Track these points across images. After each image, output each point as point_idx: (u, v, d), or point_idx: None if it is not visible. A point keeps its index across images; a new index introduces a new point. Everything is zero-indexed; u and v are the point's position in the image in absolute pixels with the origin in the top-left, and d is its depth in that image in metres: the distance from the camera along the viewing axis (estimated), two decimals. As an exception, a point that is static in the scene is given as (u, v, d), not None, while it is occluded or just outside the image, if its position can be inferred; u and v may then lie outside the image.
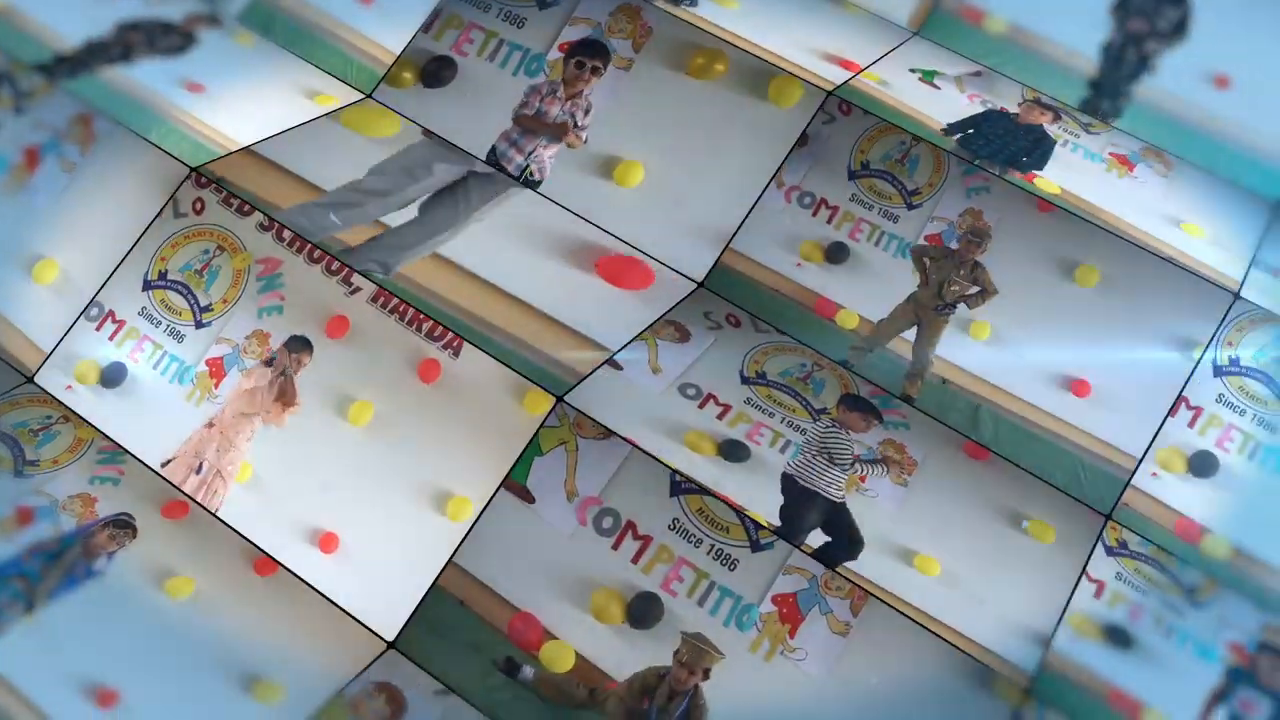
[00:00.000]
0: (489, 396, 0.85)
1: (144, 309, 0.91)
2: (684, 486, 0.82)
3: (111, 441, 0.87)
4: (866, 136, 1.02)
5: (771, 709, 0.76)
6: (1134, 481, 0.88)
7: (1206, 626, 0.82)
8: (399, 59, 1.07)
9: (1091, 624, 0.80)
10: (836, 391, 0.91)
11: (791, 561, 0.79)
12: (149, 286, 0.92)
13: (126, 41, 1.08)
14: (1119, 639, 0.79)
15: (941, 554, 0.81)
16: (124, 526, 0.84)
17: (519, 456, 0.83)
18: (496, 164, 1.02)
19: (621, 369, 0.89)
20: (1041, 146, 1.03)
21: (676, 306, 0.95)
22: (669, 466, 0.82)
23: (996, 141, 1.02)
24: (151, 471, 0.86)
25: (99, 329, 0.91)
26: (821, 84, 1.04)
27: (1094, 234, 0.96)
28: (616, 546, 0.81)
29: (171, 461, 0.87)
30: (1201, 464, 0.89)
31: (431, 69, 1.07)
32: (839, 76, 1.04)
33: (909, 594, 0.78)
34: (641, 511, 0.81)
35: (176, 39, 1.10)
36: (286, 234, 0.92)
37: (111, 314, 0.91)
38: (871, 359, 0.93)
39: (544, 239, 0.99)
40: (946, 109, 1.06)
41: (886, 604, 0.78)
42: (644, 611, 0.79)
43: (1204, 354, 0.91)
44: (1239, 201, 1.03)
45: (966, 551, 0.82)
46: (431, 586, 0.81)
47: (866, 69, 1.08)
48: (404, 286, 0.90)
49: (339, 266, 0.90)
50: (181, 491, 0.85)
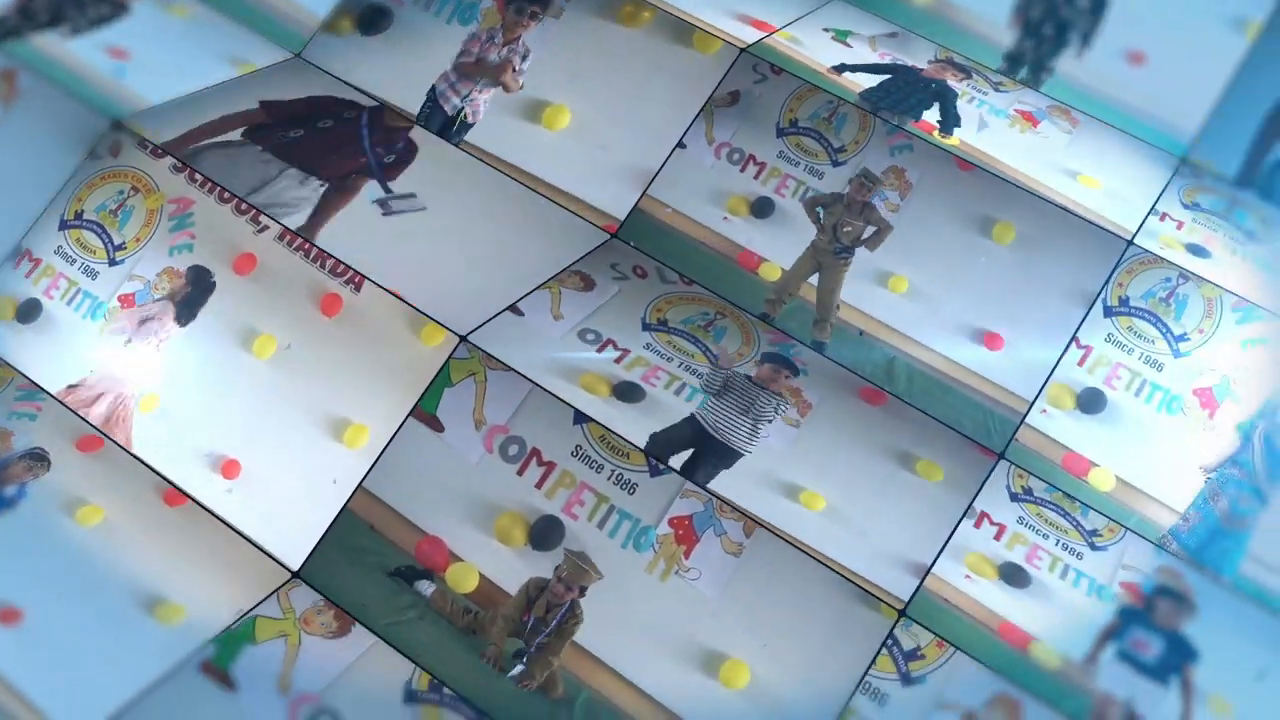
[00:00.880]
0: (387, 330, 0.87)
1: (60, 248, 0.92)
2: (586, 415, 0.84)
3: (30, 381, 0.88)
4: (796, 95, 1.05)
5: (666, 625, 0.78)
6: (1026, 420, 0.91)
7: (1103, 568, 0.85)
8: (337, 7, 1.09)
9: (989, 564, 0.83)
10: (738, 339, 0.94)
11: (689, 486, 0.82)
12: (65, 226, 0.93)
13: (57, 8, 1.09)
14: (1015, 578, 0.82)
15: (828, 490, 0.83)
16: (38, 459, 0.85)
17: (428, 387, 0.85)
18: (434, 103, 1.04)
19: (523, 315, 0.91)
20: (943, 100, 1.06)
21: (585, 258, 0.97)
22: (567, 404, 0.84)
23: (896, 94, 1.06)
24: (65, 408, 0.87)
25: (16, 267, 0.92)
26: (735, 43, 1.06)
27: (1010, 190, 0.98)
28: (521, 473, 0.83)
29: (87, 395, 0.88)
30: (1090, 401, 0.92)
31: (368, 16, 1.08)
32: (755, 37, 1.07)
33: (793, 527, 0.81)
34: (546, 439, 0.84)
35: (107, 8, 1.11)
36: (199, 175, 0.93)
37: (28, 253, 0.93)
38: (789, 309, 0.95)
39: (460, 187, 1.01)
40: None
41: (772, 533, 0.80)
42: (546, 534, 0.81)
43: (1097, 296, 0.94)
44: (1144, 157, 1.07)
45: (853, 489, 0.84)
46: (341, 512, 0.82)
47: (782, 29, 1.11)
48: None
49: (247, 206, 0.92)
50: (87, 421, 0.86)
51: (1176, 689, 0.77)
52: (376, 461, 0.84)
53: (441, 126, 1.05)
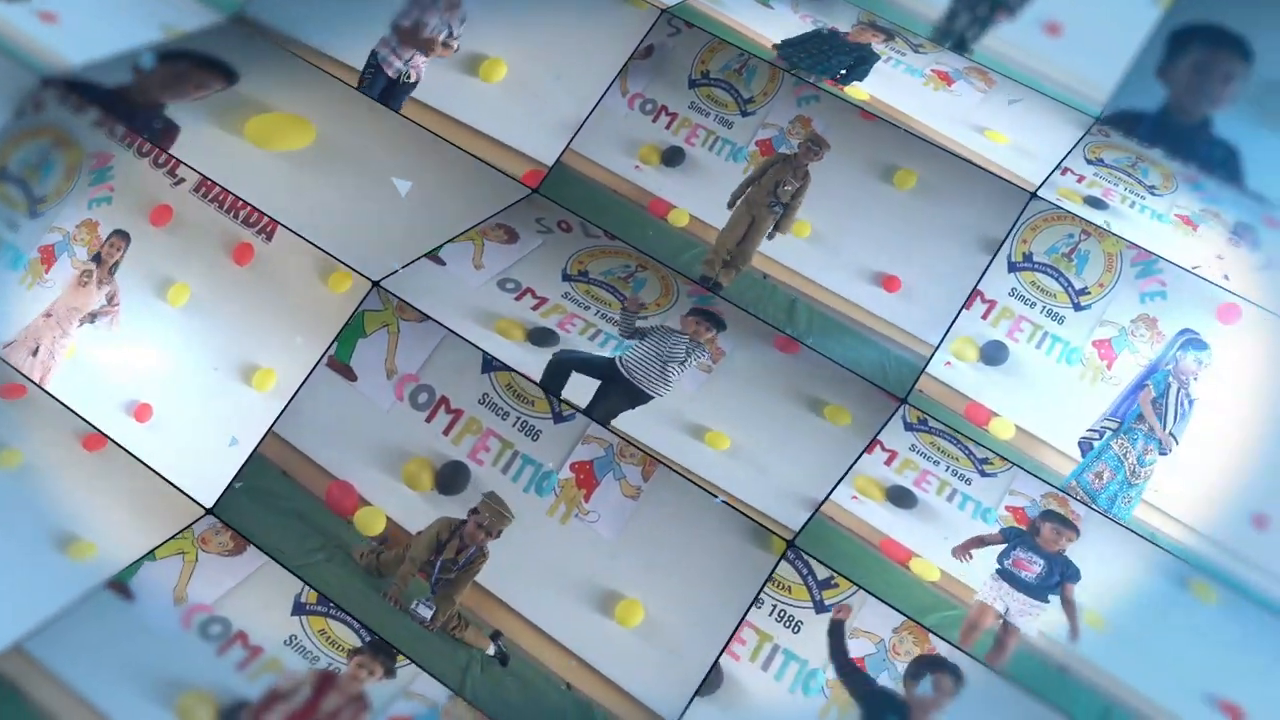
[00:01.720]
0: (297, 277, 0.89)
1: (-17, 201, 0.94)
2: (495, 364, 0.86)
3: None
4: (708, 48, 1.06)
5: (565, 567, 0.81)
6: (929, 370, 0.93)
7: (990, 493, 0.87)
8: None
9: (876, 486, 0.85)
10: (657, 289, 0.96)
11: (590, 431, 0.84)
12: (-11, 180, 0.95)
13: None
14: (901, 499, 0.85)
15: (733, 431, 0.86)
16: (-41, 408, 0.87)
17: (338, 334, 0.87)
18: (377, 68, 1.06)
19: (444, 264, 0.93)
20: (864, 63, 1.09)
21: (508, 210, 0.99)
22: (478, 349, 0.86)
23: (817, 54, 1.08)
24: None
25: (-63, 222, 0.94)
26: (657, 3, 1.08)
27: (913, 141, 1.01)
28: (430, 420, 0.85)
29: (11, 345, 0.90)
30: (992, 353, 0.95)
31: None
32: (677, -2, 1.10)
33: (694, 464, 0.83)
34: (454, 387, 0.86)
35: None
36: (119, 130, 0.95)
37: (-51, 207, 0.94)
38: (736, 273, 0.98)
39: (388, 149, 1.03)
40: (779, 27, 1.11)
41: (670, 469, 0.82)
42: (452, 479, 0.83)
43: (1000, 250, 0.97)
44: (1055, 117, 1.09)
45: (758, 431, 0.87)
46: (251, 456, 0.85)
47: (704, -9, 1.13)
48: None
49: (166, 159, 0.94)
50: (20, 373, 0.88)
51: (1056, 606, 0.80)
52: (287, 406, 0.86)
53: (385, 89, 1.07)
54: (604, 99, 1.05)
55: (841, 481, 0.84)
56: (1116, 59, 1.10)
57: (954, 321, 0.95)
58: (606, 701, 0.77)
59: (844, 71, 1.07)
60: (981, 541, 0.83)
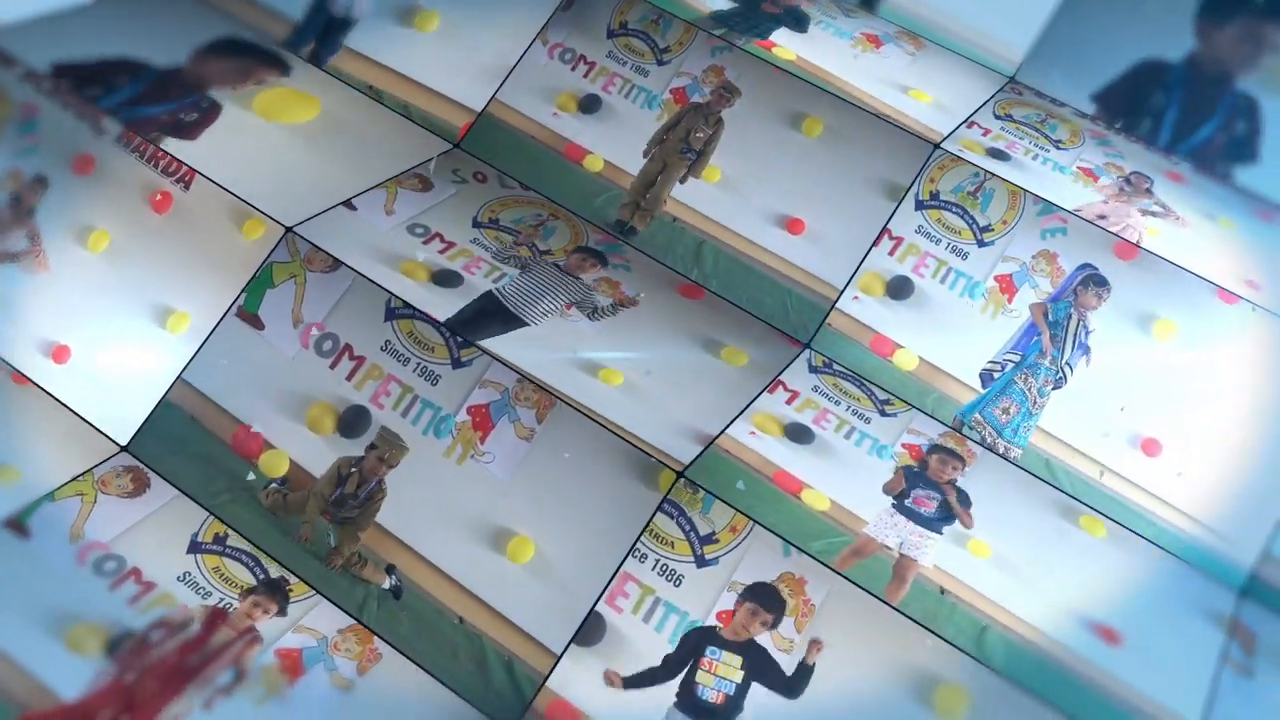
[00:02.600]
0: (213, 224, 0.91)
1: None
2: (397, 312, 0.88)
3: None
4: (628, 1, 1.08)
5: (460, 506, 0.83)
6: (838, 305, 0.95)
7: (888, 431, 0.89)
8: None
9: (775, 423, 0.87)
10: (566, 237, 0.98)
11: (488, 376, 0.86)
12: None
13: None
14: (799, 436, 0.87)
15: (627, 370, 0.87)
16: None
17: (247, 284, 0.90)
18: (321, 3, 1.09)
19: (356, 210, 0.95)
20: (799, 23, 1.10)
21: (427, 162, 1.01)
22: (384, 290, 0.88)
23: (752, 17, 1.09)
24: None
25: None
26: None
27: (822, 92, 1.02)
28: (334, 366, 0.88)
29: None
30: (898, 287, 0.96)
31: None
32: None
33: (587, 399, 0.85)
34: (358, 335, 0.88)
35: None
36: (46, 83, 0.97)
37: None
38: (610, 198, 1.00)
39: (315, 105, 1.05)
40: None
41: (564, 402, 0.84)
42: (353, 423, 0.86)
43: (908, 191, 0.98)
44: (976, 77, 1.11)
45: (655, 370, 0.88)
46: (161, 401, 0.87)
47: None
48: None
49: (89, 112, 0.96)
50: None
51: (949, 537, 0.82)
52: (196, 355, 0.88)
53: (328, 25, 1.08)
54: (528, 50, 1.07)
55: (740, 418, 0.86)
56: (1031, 22, 1.11)
57: (864, 258, 0.96)
58: (497, 635, 0.80)
59: (776, 29, 1.08)
60: (892, 486, 0.84)
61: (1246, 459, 0.88)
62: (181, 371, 0.88)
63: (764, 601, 0.78)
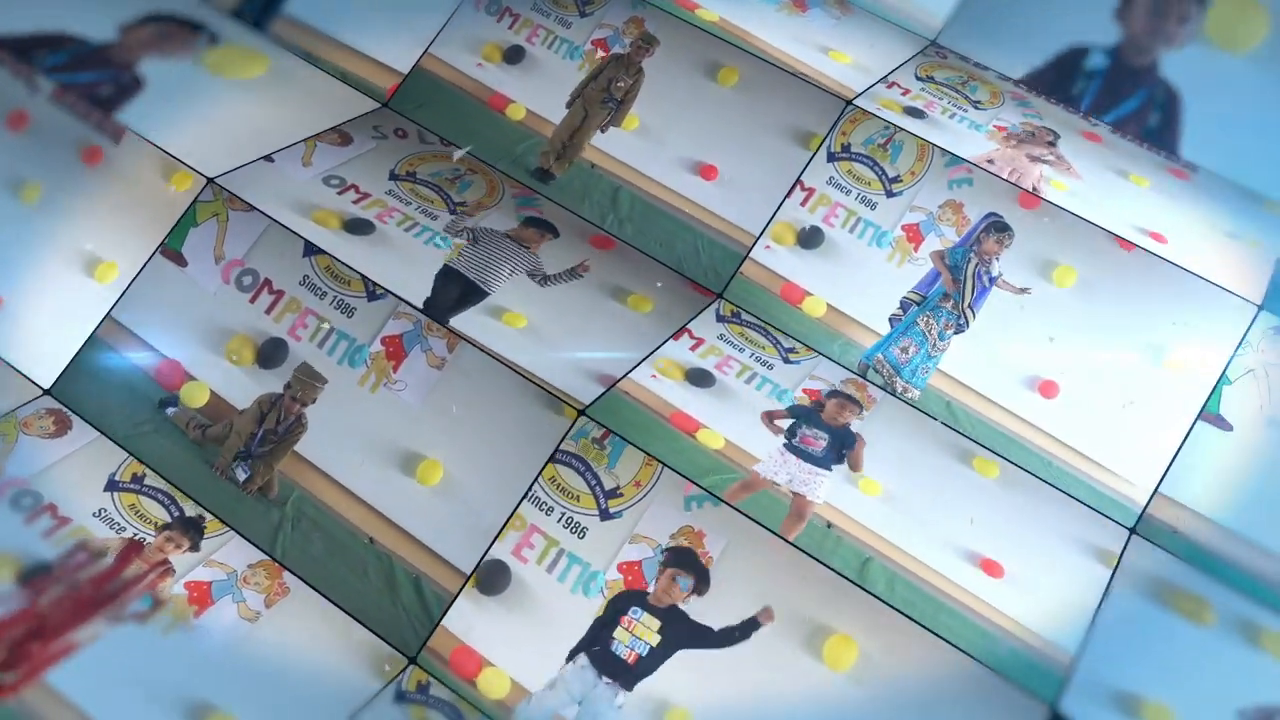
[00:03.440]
0: (142, 177, 0.93)
1: None
2: (314, 248, 0.91)
3: None
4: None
5: (373, 432, 0.86)
6: (751, 255, 0.98)
7: (790, 377, 0.92)
8: None
9: (678, 367, 0.90)
10: (482, 189, 1.01)
11: (401, 308, 0.89)
12: None
13: None
14: (700, 380, 0.90)
15: (530, 312, 0.90)
16: None
17: (174, 226, 0.92)
18: None
19: (274, 162, 0.97)
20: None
21: (352, 121, 1.04)
22: (298, 235, 0.91)
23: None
24: None
25: None
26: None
27: (741, 51, 1.05)
28: (253, 300, 0.90)
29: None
30: (809, 237, 0.99)
31: None
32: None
33: (493, 341, 0.88)
34: (277, 270, 0.91)
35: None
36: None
37: None
38: (571, 166, 1.03)
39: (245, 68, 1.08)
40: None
41: (475, 346, 0.87)
42: (271, 354, 0.88)
43: (821, 144, 1.01)
44: (898, 40, 1.14)
45: (558, 313, 0.91)
46: (88, 341, 0.90)
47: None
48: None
49: (23, 69, 0.99)
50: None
51: (838, 474, 0.85)
52: (124, 294, 0.91)
53: None
54: (458, 7, 1.09)
55: (644, 363, 0.88)
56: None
57: (777, 209, 0.99)
58: (406, 554, 0.82)
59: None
60: (771, 417, 0.87)
61: (1139, 401, 0.91)
62: (110, 309, 0.90)
63: (684, 565, 0.80)
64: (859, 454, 0.86)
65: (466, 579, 0.81)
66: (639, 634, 0.79)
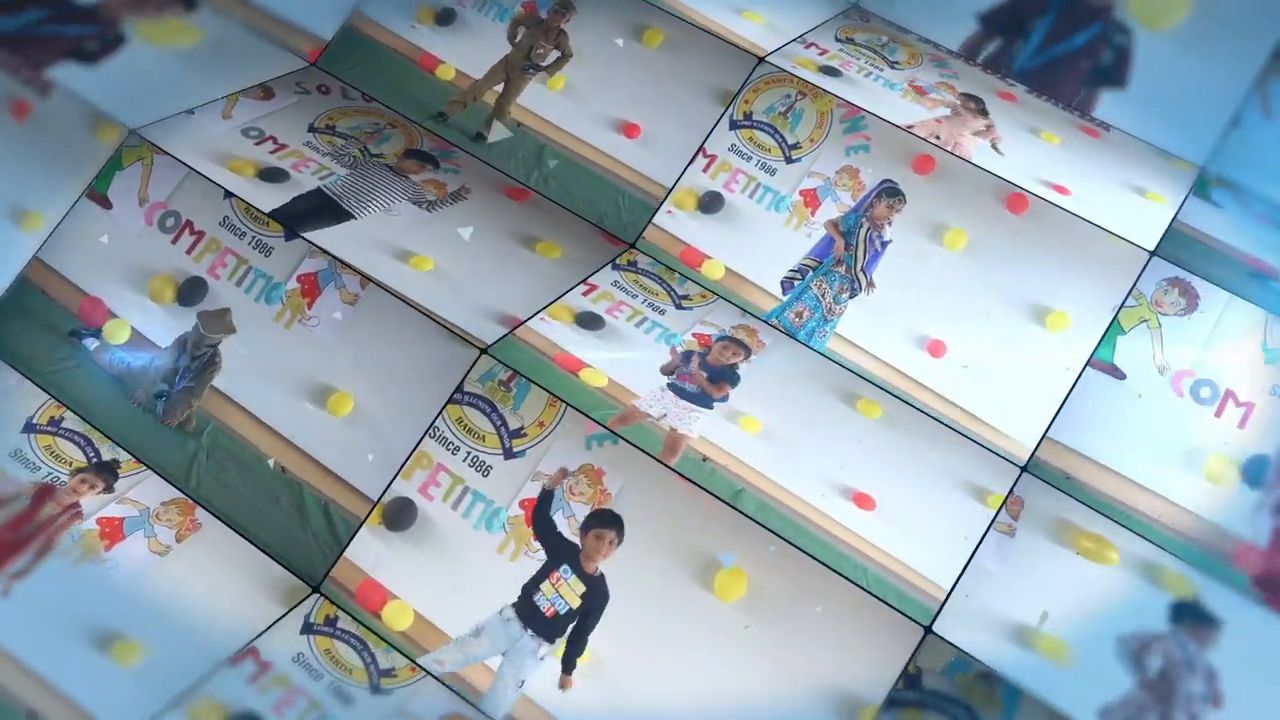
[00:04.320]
0: (68, 129, 0.97)
1: None
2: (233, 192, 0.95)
3: None
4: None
5: (288, 366, 0.90)
6: (654, 221, 1.03)
7: (681, 323, 0.97)
8: None
9: (568, 311, 0.94)
10: (401, 143, 1.05)
11: (316, 246, 0.93)
12: None
13: None
14: (588, 323, 0.94)
15: (437, 256, 0.95)
16: None
17: (99, 172, 0.96)
18: None
19: (193, 114, 1.01)
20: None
21: (277, 79, 1.08)
22: (214, 183, 0.95)
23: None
24: None
25: None
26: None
27: (658, 10, 1.10)
28: (175, 241, 0.94)
29: None
30: (710, 202, 1.04)
31: None
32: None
33: (399, 283, 0.92)
34: (198, 212, 0.94)
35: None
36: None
37: None
38: (469, 111, 1.08)
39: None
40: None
41: (382, 288, 0.92)
42: (190, 293, 0.92)
43: (726, 110, 1.06)
44: (818, 4, 1.19)
45: (463, 257, 0.96)
46: (14, 283, 0.93)
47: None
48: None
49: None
50: None
51: (717, 413, 0.90)
52: (49, 238, 0.94)
53: None
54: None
55: (539, 308, 0.93)
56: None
57: (681, 175, 1.04)
58: (316, 482, 0.86)
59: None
60: (671, 367, 0.92)
61: (1029, 357, 0.96)
62: (36, 251, 0.93)
63: (604, 523, 0.84)
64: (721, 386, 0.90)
65: (374, 504, 0.85)
66: (563, 594, 0.83)
